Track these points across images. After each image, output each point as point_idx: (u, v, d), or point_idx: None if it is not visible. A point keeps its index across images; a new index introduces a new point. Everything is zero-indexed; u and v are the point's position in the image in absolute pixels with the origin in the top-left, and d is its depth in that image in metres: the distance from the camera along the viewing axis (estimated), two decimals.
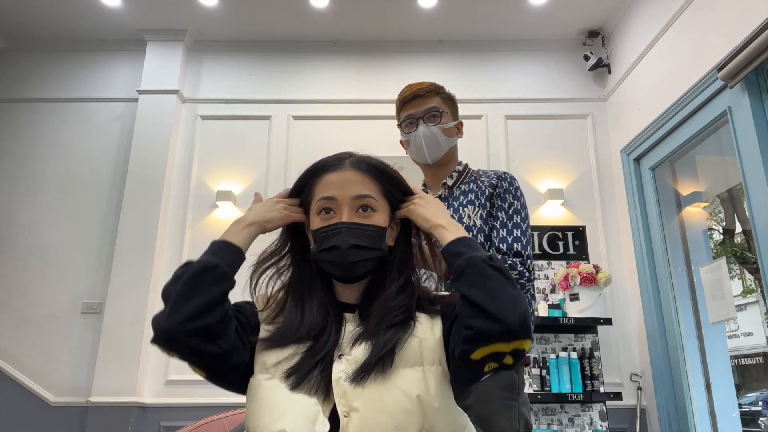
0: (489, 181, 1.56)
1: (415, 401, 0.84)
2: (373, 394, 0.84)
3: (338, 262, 0.95)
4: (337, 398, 0.85)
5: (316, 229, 0.99)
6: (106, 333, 3.19)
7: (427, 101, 1.60)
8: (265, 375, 0.89)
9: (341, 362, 0.89)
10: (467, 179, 1.62)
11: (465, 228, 1.51)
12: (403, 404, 0.84)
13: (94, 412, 3.05)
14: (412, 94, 1.60)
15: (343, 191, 0.98)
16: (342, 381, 0.86)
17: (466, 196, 1.57)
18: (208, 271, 0.89)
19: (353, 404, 0.83)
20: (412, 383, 0.86)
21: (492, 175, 1.59)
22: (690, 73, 2.81)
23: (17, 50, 3.88)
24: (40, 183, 3.61)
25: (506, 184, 1.55)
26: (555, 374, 2.93)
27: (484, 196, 1.54)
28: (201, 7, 3.57)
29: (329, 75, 3.85)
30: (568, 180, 3.60)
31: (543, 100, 3.76)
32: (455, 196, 1.59)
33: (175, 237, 3.49)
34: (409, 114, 1.61)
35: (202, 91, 3.82)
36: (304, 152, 3.65)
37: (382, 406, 0.83)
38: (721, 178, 3.54)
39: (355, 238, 0.95)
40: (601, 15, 3.66)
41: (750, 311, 11.78)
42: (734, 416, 2.90)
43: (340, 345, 0.91)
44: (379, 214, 0.99)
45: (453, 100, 1.66)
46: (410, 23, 3.73)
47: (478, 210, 1.53)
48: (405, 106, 1.63)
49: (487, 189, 1.55)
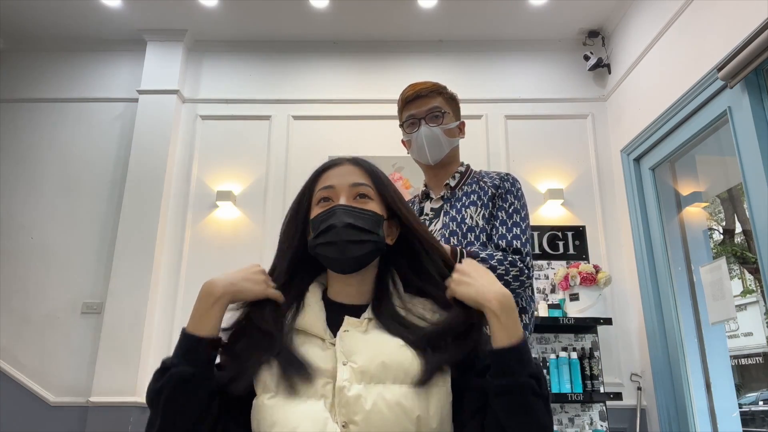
0: (492, 182, 1.58)
1: (415, 421, 0.84)
2: (374, 410, 0.83)
3: (333, 241, 0.94)
4: (338, 407, 0.84)
5: (314, 216, 0.99)
6: (106, 333, 3.20)
7: (429, 101, 1.59)
8: (268, 394, 0.88)
9: (345, 369, 0.87)
10: (469, 180, 1.62)
11: (468, 229, 1.51)
12: (402, 424, 0.83)
13: (94, 412, 3.05)
14: (414, 93, 1.60)
15: (340, 179, 1.00)
16: (345, 391, 0.85)
17: (468, 197, 1.57)
18: (185, 382, 0.86)
19: (354, 417, 0.83)
20: (414, 403, 0.85)
21: (495, 176, 1.60)
22: (690, 73, 2.81)
23: (17, 50, 3.88)
24: (40, 183, 3.61)
25: (508, 185, 1.57)
26: (555, 374, 2.93)
27: (487, 197, 1.55)
28: (201, 7, 3.57)
29: (329, 75, 3.85)
30: (568, 180, 3.60)
31: (543, 100, 3.76)
32: (458, 197, 1.59)
33: (175, 237, 3.49)
34: (411, 114, 1.61)
35: (202, 91, 3.82)
36: (304, 152, 3.65)
37: (382, 424, 0.83)
38: (721, 178, 3.54)
39: (351, 218, 0.94)
40: (601, 15, 3.66)
41: (750, 311, 11.78)
42: (734, 416, 2.90)
43: (344, 351, 0.90)
44: (375, 203, 1.00)
45: (455, 101, 1.66)
46: (410, 23, 3.73)
47: (481, 210, 1.53)
48: (407, 105, 1.62)
49: (489, 189, 1.56)
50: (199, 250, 3.47)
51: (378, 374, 0.87)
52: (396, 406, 0.84)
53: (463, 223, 1.52)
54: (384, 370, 0.87)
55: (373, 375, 0.87)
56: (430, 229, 1.59)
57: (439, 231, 1.56)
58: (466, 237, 1.51)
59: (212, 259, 3.45)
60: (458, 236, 1.51)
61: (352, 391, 0.85)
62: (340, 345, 0.91)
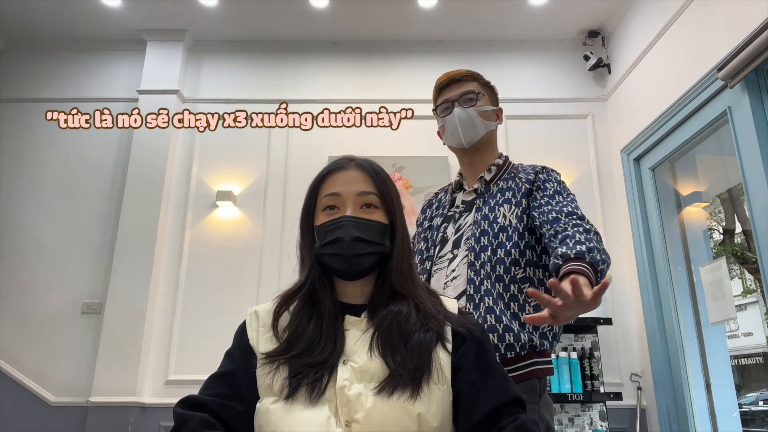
0: (527, 177, 1.48)
1: (416, 419, 0.84)
2: (375, 409, 0.84)
3: (341, 254, 0.95)
4: (340, 407, 0.84)
5: (321, 224, 0.99)
6: (106, 333, 3.19)
7: (463, 85, 1.54)
8: (271, 398, 0.88)
9: (345, 369, 0.88)
10: (506, 175, 1.53)
11: (500, 228, 1.41)
12: (404, 422, 0.83)
13: (94, 412, 3.05)
14: (448, 79, 1.56)
15: (347, 187, 0.99)
16: (346, 390, 0.85)
17: (503, 194, 1.48)
18: None
19: (355, 416, 0.83)
20: (413, 400, 0.85)
21: (530, 170, 1.50)
22: (690, 73, 2.81)
23: (17, 50, 3.88)
24: (40, 183, 3.61)
25: (544, 176, 1.47)
26: (555, 374, 2.93)
27: (521, 193, 1.45)
28: (201, 7, 3.57)
29: (329, 75, 3.85)
30: (568, 180, 3.60)
31: (543, 100, 3.76)
32: (492, 193, 1.50)
33: (175, 237, 3.49)
34: (445, 98, 1.55)
35: (202, 91, 3.82)
36: (304, 152, 3.65)
37: (383, 422, 0.83)
38: (721, 178, 3.54)
39: (358, 231, 0.95)
40: (601, 15, 3.66)
41: (750, 311, 11.79)
42: (734, 416, 2.90)
43: (345, 350, 0.90)
44: (381, 212, 1.00)
45: (491, 87, 1.60)
46: (410, 23, 3.73)
47: (514, 209, 1.44)
48: (441, 92, 1.57)
49: (524, 186, 1.46)
50: (199, 250, 3.47)
51: (377, 373, 0.87)
52: (397, 404, 0.84)
53: (495, 223, 1.43)
54: (383, 369, 0.87)
55: (373, 374, 0.87)
56: (458, 222, 1.50)
57: (468, 227, 1.47)
58: (498, 237, 1.41)
59: (212, 259, 3.45)
60: (489, 236, 1.42)
61: (353, 390, 0.85)
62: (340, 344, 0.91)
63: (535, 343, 1.32)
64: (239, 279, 3.39)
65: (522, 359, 1.31)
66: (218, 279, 3.40)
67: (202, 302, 3.36)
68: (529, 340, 1.31)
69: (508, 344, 1.30)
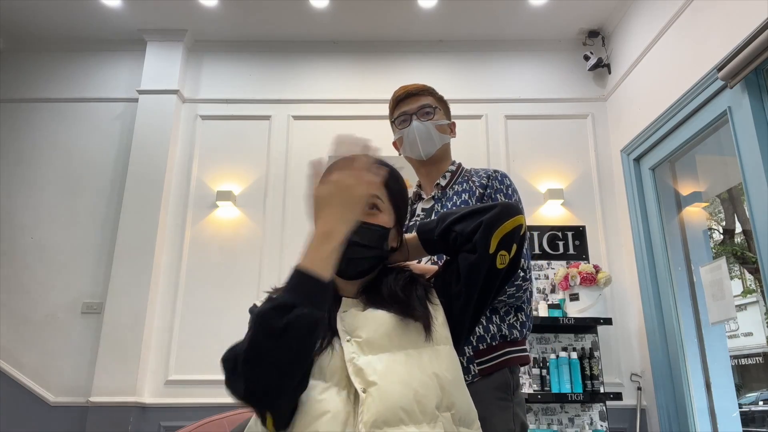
0: (479, 181, 1.52)
1: (432, 376, 0.87)
2: (388, 368, 0.86)
3: None
4: (353, 377, 0.85)
5: None
6: (106, 333, 3.20)
7: (420, 99, 1.62)
8: None
9: (351, 345, 0.89)
10: (460, 179, 1.59)
11: None
12: (419, 377, 0.86)
13: (94, 412, 3.05)
14: (405, 93, 1.64)
15: None
16: (354, 361, 0.87)
17: (459, 197, 1.53)
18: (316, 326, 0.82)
19: (369, 379, 0.84)
20: (425, 362, 0.88)
21: (483, 174, 1.54)
22: (690, 73, 2.81)
23: (17, 50, 3.88)
24: (40, 183, 3.61)
25: (497, 184, 1.50)
26: (555, 374, 2.93)
27: (475, 197, 1.49)
28: (201, 7, 3.57)
29: (329, 75, 3.85)
30: (568, 180, 3.60)
31: (543, 100, 3.76)
32: (448, 196, 1.56)
33: (175, 237, 3.49)
34: (403, 111, 1.63)
35: (202, 91, 3.82)
36: (303, 152, 3.65)
37: (399, 377, 0.85)
38: (721, 178, 3.54)
39: (357, 236, 0.95)
40: (601, 15, 3.66)
41: (750, 311, 11.79)
42: (734, 416, 2.90)
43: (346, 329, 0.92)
44: (385, 215, 1.01)
45: (445, 102, 1.68)
46: (410, 23, 3.73)
47: None
48: (398, 105, 1.65)
49: (477, 189, 1.50)
50: (199, 250, 3.47)
51: (384, 344, 0.90)
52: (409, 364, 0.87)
53: None
54: (389, 339, 0.90)
55: (380, 345, 0.89)
56: None
57: None
58: None
59: (212, 259, 3.45)
60: None
61: (361, 360, 0.87)
62: (341, 325, 0.93)
63: (504, 332, 1.39)
64: (239, 279, 3.39)
65: (494, 350, 1.37)
66: (218, 279, 3.40)
67: (202, 302, 3.36)
68: (498, 331, 1.38)
69: (479, 336, 1.38)
